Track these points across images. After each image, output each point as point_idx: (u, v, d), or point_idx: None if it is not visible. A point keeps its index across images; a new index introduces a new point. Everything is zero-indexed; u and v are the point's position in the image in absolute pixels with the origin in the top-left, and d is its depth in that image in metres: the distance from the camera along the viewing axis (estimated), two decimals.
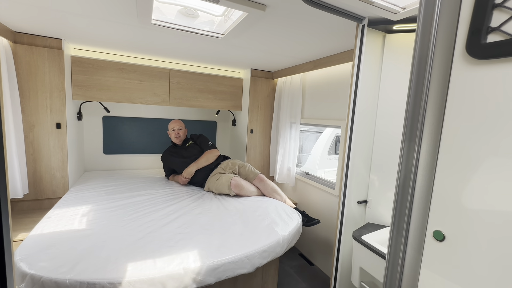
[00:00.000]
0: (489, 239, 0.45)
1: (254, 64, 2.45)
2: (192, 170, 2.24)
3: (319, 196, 2.28)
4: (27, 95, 1.79)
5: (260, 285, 1.59)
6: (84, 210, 1.60)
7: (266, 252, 1.34)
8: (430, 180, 0.48)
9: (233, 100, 2.74)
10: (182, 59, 2.39)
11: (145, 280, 1.04)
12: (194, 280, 1.13)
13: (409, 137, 0.51)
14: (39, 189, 1.92)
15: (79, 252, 1.14)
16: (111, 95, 2.22)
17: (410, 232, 0.50)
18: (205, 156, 2.28)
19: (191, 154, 2.35)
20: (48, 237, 1.26)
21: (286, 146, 2.50)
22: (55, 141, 1.91)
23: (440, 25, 0.50)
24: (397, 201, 0.52)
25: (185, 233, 1.39)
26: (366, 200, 1.47)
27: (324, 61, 2.04)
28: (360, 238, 1.27)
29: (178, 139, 2.43)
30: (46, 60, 1.82)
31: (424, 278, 0.52)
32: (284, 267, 2.22)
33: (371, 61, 1.33)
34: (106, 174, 2.52)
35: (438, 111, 0.48)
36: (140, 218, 1.53)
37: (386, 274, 0.61)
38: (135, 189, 2.08)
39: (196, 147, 2.41)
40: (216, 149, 2.37)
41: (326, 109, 2.19)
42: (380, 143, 1.40)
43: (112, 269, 1.05)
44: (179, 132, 2.42)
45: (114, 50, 2.19)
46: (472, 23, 0.45)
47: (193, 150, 2.38)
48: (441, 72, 0.47)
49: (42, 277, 0.98)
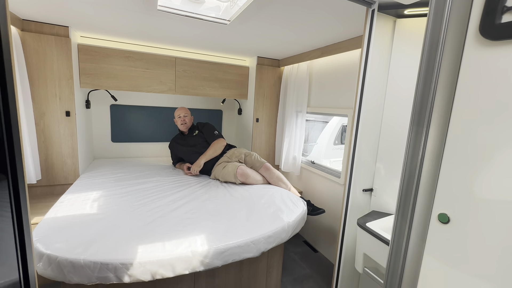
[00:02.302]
0: (492, 222, 0.45)
1: (260, 52, 2.42)
2: (201, 162, 2.24)
3: (324, 185, 2.29)
4: (36, 83, 1.82)
5: (265, 269, 1.63)
6: (95, 196, 1.65)
7: (272, 237, 1.37)
8: (437, 164, 0.48)
9: (239, 89, 2.73)
10: (188, 46, 2.37)
11: (155, 262, 1.08)
12: (202, 262, 1.17)
13: (417, 122, 0.51)
14: (51, 175, 1.97)
15: (92, 234, 1.19)
16: (118, 84, 2.23)
17: (415, 215, 0.51)
18: (213, 147, 2.29)
19: (197, 143, 2.37)
20: (62, 220, 1.31)
21: (292, 135, 2.50)
22: (65, 129, 1.95)
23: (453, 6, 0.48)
24: (403, 185, 0.53)
25: (193, 218, 1.42)
26: (372, 188, 1.47)
27: (331, 48, 2.00)
28: (364, 225, 1.29)
29: (184, 126, 2.45)
30: (54, 48, 1.83)
31: (426, 263, 0.53)
32: (289, 253, 2.27)
33: (380, 47, 1.30)
34: (115, 161, 2.57)
35: (448, 95, 0.47)
36: (148, 204, 1.57)
37: (389, 259, 0.62)
38: (143, 176, 2.13)
39: (202, 136, 2.43)
40: (223, 139, 2.38)
41: (333, 98, 2.16)
42: (387, 132, 1.39)
43: (123, 250, 1.10)
44: (185, 119, 2.44)
45: (120, 37, 2.18)
46: (487, 2, 0.44)
47: (199, 139, 2.40)
48: (453, 55, 0.46)
49: (58, 257, 1.03)
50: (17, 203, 0.68)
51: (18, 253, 0.69)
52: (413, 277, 0.53)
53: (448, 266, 0.50)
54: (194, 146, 2.36)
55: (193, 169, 2.24)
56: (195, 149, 2.35)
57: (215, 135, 2.39)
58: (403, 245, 0.55)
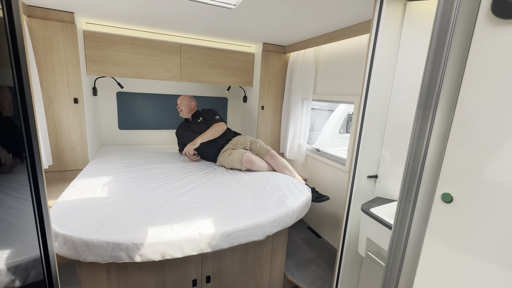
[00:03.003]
0: (496, 203, 0.46)
1: (266, 38, 2.39)
2: (197, 141, 2.24)
3: (328, 172, 2.31)
4: (44, 70, 1.84)
5: (270, 252, 1.68)
6: (105, 181, 1.70)
7: (277, 222, 1.40)
8: (442, 145, 0.49)
9: (244, 76, 2.71)
10: (193, 33, 2.35)
11: (164, 243, 1.13)
12: (209, 244, 1.21)
13: (424, 104, 0.51)
14: (61, 161, 2.03)
15: (103, 216, 1.24)
16: (124, 71, 2.24)
17: (419, 195, 0.52)
18: (212, 129, 2.30)
19: (201, 129, 2.40)
20: (74, 203, 1.36)
21: (297, 122, 2.50)
22: (73, 116, 1.99)
23: None
24: (408, 166, 0.54)
25: (200, 202, 1.46)
26: (376, 175, 1.48)
27: (339, 34, 1.96)
28: (368, 210, 1.30)
29: (181, 113, 2.51)
30: (60, 35, 1.84)
31: (428, 242, 0.55)
32: (293, 239, 2.32)
33: (389, 31, 1.27)
34: (122, 148, 2.62)
35: (457, 77, 0.47)
36: (156, 189, 1.62)
37: (392, 238, 0.64)
38: (150, 162, 2.17)
39: (206, 123, 2.45)
40: (223, 123, 2.39)
41: (339, 85, 2.14)
42: (394, 118, 1.38)
43: (134, 232, 1.14)
44: (180, 106, 2.50)
45: (125, 23, 2.17)
46: None
47: (203, 126, 2.43)
48: (463, 35, 0.46)
49: (72, 237, 1.08)
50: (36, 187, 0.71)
51: (38, 232, 0.74)
52: (415, 255, 0.55)
53: (448, 246, 0.52)
54: (198, 133, 2.39)
55: (188, 147, 2.24)
56: (198, 135, 2.37)
57: (216, 119, 2.41)
58: (406, 224, 0.56)
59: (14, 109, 0.66)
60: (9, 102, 0.64)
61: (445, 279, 0.54)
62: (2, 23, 0.57)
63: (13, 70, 0.61)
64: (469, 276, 0.52)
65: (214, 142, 2.33)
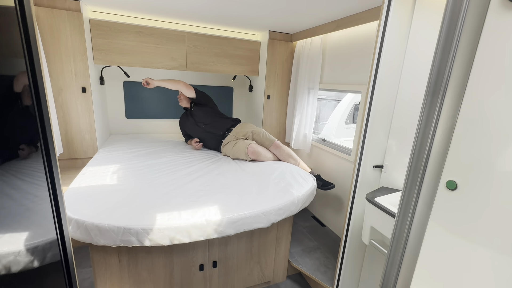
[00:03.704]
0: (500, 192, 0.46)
1: (273, 26, 2.34)
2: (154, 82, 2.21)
3: (334, 163, 2.31)
4: (52, 59, 1.86)
5: (274, 240, 1.72)
6: (114, 169, 1.74)
7: (282, 210, 1.43)
8: (449, 133, 0.49)
9: (250, 65, 2.69)
10: (199, 20, 2.32)
11: (172, 228, 1.17)
12: (216, 230, 1.24)
13: (432, 92, 0.50)
14: (72, 149, 2.08)
15: (113, 203, 1.28)
16: (130, 60, 2.24)
17: (424, 182, 0.53)
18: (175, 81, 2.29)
19: (195, 114, 2.44)
20: (85, 190, 1.41)
21: (303, 112, 2.48)
22: (82, 105, 2.02)
23: None
24: (414, 154, 0.54)
25: (206, 190, 1.49)
26: (382, 165, 1.48)
27: (347, 21, 1.91)
28: (373, 199, 1.31)
29: (181, 102, 2.54)
30: (67, 24, 1.84)
31: (431, 229, 0.56)
32: (297, 227, 2.36)
33: (399, 18, 1.23)
34: (130, 137, 2.66)
35: (466, 64, 0.47)
36: (164, 177, 1.65)
37: (396, 224, 0.65)
38: (157, 152, 2.21)
39: (200, 108, 2.46)
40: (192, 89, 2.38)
41: (347, 74, 2.10)
42: (402, 108, 1.36)
43: (143, 217, 1.18)
44: (180, 96, 2.52)
45: (130, 11, 2.16)
46: None
47: (198, 111, 2.44)
48: (475, 21, 0.45)
49: (85, 221, 1.12)
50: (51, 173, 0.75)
51: (54, 216, 0.77)
52: (418, 240, 0.56)
53: (451, 232, 0.53)
54: (193, 118, 2.41)
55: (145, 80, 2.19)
56: (194, 121, 2.39)
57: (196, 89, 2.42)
58: (410, 211, 0.57)
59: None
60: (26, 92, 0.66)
61: (447, 264, 0.55)
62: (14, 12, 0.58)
63: (26, 59, 0.62)
64: (471, 261, 0.53)
65: (212, 134, 2.34)
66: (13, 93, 0.65)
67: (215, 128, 2.35)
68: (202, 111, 2.43)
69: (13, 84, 0.64)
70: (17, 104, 0.67)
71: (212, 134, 2.34)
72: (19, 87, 0.65)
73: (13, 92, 0.65)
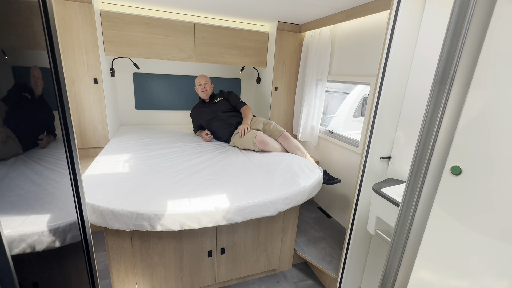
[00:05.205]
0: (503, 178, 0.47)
1: (281, 16, 2.32)
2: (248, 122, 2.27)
3: (341, 155, 2.31)
4: (66, 50, 1.90)
5: (281, 229, 1.76)
6: (125, 158, 1.79)
7: (288, 199, 1.45)
8: (455, 120, 0.50)
9: (258, 56, 2.68)
10: (207, 11, 2.32)
11: (182, 214, 1.21)
12: (224, 217, 1.28)
13: (440, 80, 0.51)
14: (85, 139, 2.15)
15: (126, 190, 1.33)
16: (140, 51, 2.27)
17: (430, 168, 0.54)
18: (248, 113, 2.37)
19: (219, 110, 2.43)
20: (99, 177, 1.46)
21: (311, 104, 2.48)
22: (94, 96, 2.07)
23: None
24: (421, 141, 0.55)
25: (215, 179, 1.53)
26: (390, 156, 1.48)
27: (357, 10, 1.88)
28: (379, 190, 1.32)
29: (205, 94, 2.50)
30: (79, 15, 1.87)
31: (434, 213, 0.57)
32: (304, 218, 2.39)
33: (411, 7, 1.21)
34: (140, 128, 2.72)
35: (475, 53, 0.47)
36: (173, 166, 1.70)
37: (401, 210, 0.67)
38: (166, 142, 2.26)
39: (226, 103, 2.48)
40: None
41: (356, 65, 2.08)
42: (411, 99, 1.35)
43: (155, 204, 1.23)
44: (205, 86, 2.48)
45: (139, 2, 2.17)
46: None
47: (222, 106, 2.45)
48: (485, 8, 0.45)
49: (100, 206, 1.18)
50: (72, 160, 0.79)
51: (75, 200, 0.82)
52: (422, 224, 0.58)
53: (453, 218, 0.54)
54: (216, 113, 2.42)
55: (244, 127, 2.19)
56: (216, 116, 2.41)
57: (241, 102, 2.48)
58: (415, 196, 0.58)
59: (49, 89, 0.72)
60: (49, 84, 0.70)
61: (450, 245, 0.57)
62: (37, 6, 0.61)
63: (48, 52, 0.65)
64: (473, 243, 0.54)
65: (227, 124, 2.37)
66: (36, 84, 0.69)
67: (231, 119, 2.39)
68: (226, 106, 2.48)
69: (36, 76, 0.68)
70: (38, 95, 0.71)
71: (227, 124, 2.37)
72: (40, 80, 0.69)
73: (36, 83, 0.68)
